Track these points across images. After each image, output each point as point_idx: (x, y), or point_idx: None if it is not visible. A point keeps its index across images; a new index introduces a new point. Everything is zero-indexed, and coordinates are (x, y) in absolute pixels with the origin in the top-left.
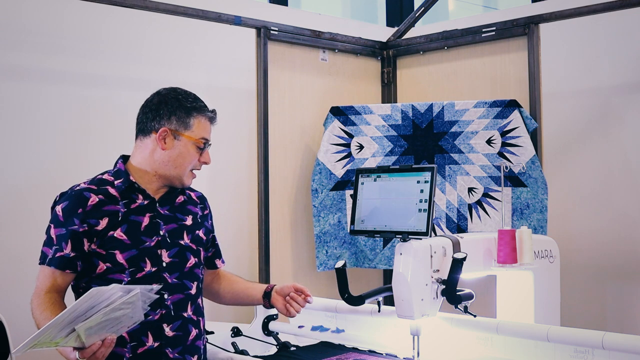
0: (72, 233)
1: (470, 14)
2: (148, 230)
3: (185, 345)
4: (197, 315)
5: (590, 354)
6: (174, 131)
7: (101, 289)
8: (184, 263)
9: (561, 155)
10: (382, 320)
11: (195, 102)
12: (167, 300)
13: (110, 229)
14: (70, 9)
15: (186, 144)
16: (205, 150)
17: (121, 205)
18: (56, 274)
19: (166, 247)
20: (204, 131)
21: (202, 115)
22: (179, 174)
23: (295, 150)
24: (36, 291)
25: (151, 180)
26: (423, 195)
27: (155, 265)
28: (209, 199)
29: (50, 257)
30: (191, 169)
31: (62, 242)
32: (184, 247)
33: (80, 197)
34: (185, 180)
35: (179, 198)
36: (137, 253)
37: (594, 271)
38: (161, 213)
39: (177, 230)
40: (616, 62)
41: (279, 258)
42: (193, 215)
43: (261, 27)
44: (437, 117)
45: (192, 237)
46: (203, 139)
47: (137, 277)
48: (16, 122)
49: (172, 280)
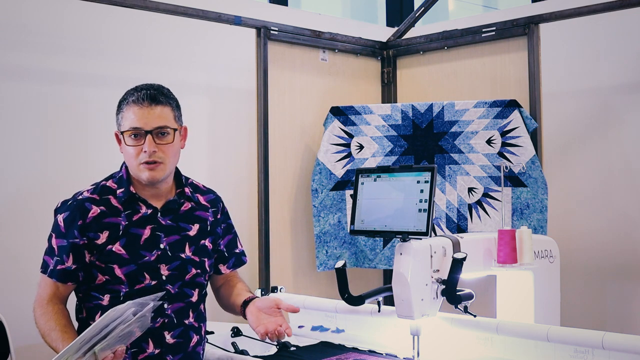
0: (72, 245)
1: (470, 14)
2: (148, 244)
3: (186, 352)
4: (198, 322)
5: (590, 354)
6: (117, 133)
7: (117, 309)
8: (184, 274)
9: (561, 155)
10: (382, 320)
11: (124, 96)
12: (167, 310)
13: (110, 243)
14: (70, 9)
15: (124, 141)
16: (144, 137)
17: (123, 218)
18: (58, 285)
19: (166, 261)
20: (132, 120)
21: (127, 104)
22: (134, 172)
23: (295, 150)
24: (38, 299)
25: (141, 184)
26: (423, 195)
27: (155, 279)
28: None
29: (52, 269)
30: (140, 162)
31: (64, 255)
32: (185, 260)
33: (82, 209)
34: (141, 175)
35: (185, 205)
36: (136, 268)
37: (594, 271)
38: (163, 224)
39: (178, 242)
40: (616, 62)
41: (279, 258)
42: (201, 223)
43: (261, 27)
44: (437, 117)
45: (196, 248)
46: (131, 128)
47: (136, 289)
48: (16, 122)
49: (174, 290)
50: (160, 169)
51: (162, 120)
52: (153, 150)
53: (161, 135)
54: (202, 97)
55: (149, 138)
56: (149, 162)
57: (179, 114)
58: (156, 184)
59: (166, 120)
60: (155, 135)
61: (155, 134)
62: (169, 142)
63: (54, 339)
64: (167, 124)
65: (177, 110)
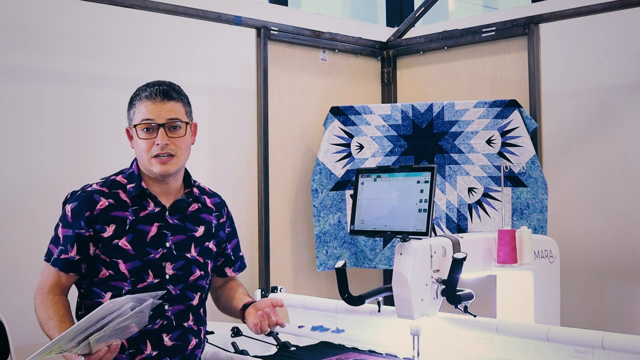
0: (78, 236)
1: (470, 14)
2: (154, 241)
3: (184, 355)
4: (198, 325)
5: (590, 354)
6: (129, 129)
7: (116, 302)
8: (188, 275)
9: (561, 155)
10: (382, 320)
11: (136, 92)
12: (167, 311)
13: (116, 237)
14: (70, 9)
15: (136, 134)
16: (156, 131)
17: (130, 212)
18: (60, 274)
19: (171, 259)
20: (143, 113)
21: (139, 100)
22: (146, 166)
23: (295, 150)
24: (39, 287)
25: (152, 180)
26: (423, 195)
27: (157, 277)
28: None
29: (55, 258)
30: (152, 155)
31: (68, 244)
32: (190, 260)
33: (90, 200)
34: (153, 169)
35: (193, 206)
36: (141, 264)
37: (594, 271)
38: (170, 223)
39: (184, 242)
40: (616, 62)
41: (279, 258)
42: (206, 225)
43: (261, 27)
44: (437, 117)
45: (201, 249)
46: (144, 120)
47: (139, 287)
48: (16, 122)
49: (176, 291)
50: (172, 163)
51: (174, 114)
52: (165, 142)
53: (173, 128)
54: (202, 97)
55: (161, 131)
56: (161, 156)
57: (190, 110)
58: (167, 178)
59: (178, 114)
60: (168, 129)
61: (167, 127)
62: (181, 136)
63: (51, 328)
64: (179, 117)
65: (188, 106)
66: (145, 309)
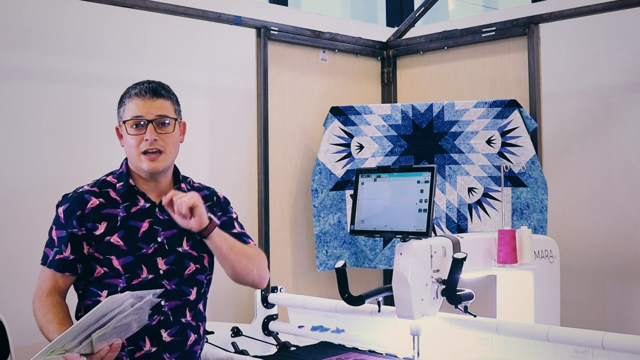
0: (71, 235)
1: (470, 14)
2: (146, 237)
3: (183, 351)
4: (196, 321)
5: (590, 354)
6: (118, 127)
7: (116, 298)
8: (182, 270)
9: (561, 155)
10: (382, 320)
11: (126, 91)
12: (164, 307)
13: (108, 234)
14: (70, 9)
15: (126, 131)
16: (145, 127)
17: (121, 209)
18: (57, 276)
19: (163, 254)
20: (133, 110)
21: (129, 97)
22: (135, 163)
23: (295, 150)
24: (37, 291)
25: (141, 178)
26: (423, 195)
27: (151, 272)
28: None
29: (51, 259)
30: (141, 151)
31: (62, 245)
32: (182, 254)
33: (81, 200)
34: (142, 166)
35: None
36: (134, 260)
37: (594, 271)
38: (160, 219)
39: (176, 236)
40: (616, 62)
41: (279, 258)
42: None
43: (261, 27)
44: (437, 117)
45: (193, 242)
46: (134, 117)
47: (134, 284)
48: (16, 122)
49: (171, 287)
50: (160, 160)
51: (163, 110)
52: (154, 138)
53: (162, 125)
54: (202, 97)
55: (150, 127)
56: (150, 152)
57: (179, 109)
58: (156, 175)
59: (167, 111)
60: (157, 125)
61: (156, 123)
62: (170, 132)
63: (51, 331)
64: (168, 114)
65: (177, 105)
66: (145, 306)
